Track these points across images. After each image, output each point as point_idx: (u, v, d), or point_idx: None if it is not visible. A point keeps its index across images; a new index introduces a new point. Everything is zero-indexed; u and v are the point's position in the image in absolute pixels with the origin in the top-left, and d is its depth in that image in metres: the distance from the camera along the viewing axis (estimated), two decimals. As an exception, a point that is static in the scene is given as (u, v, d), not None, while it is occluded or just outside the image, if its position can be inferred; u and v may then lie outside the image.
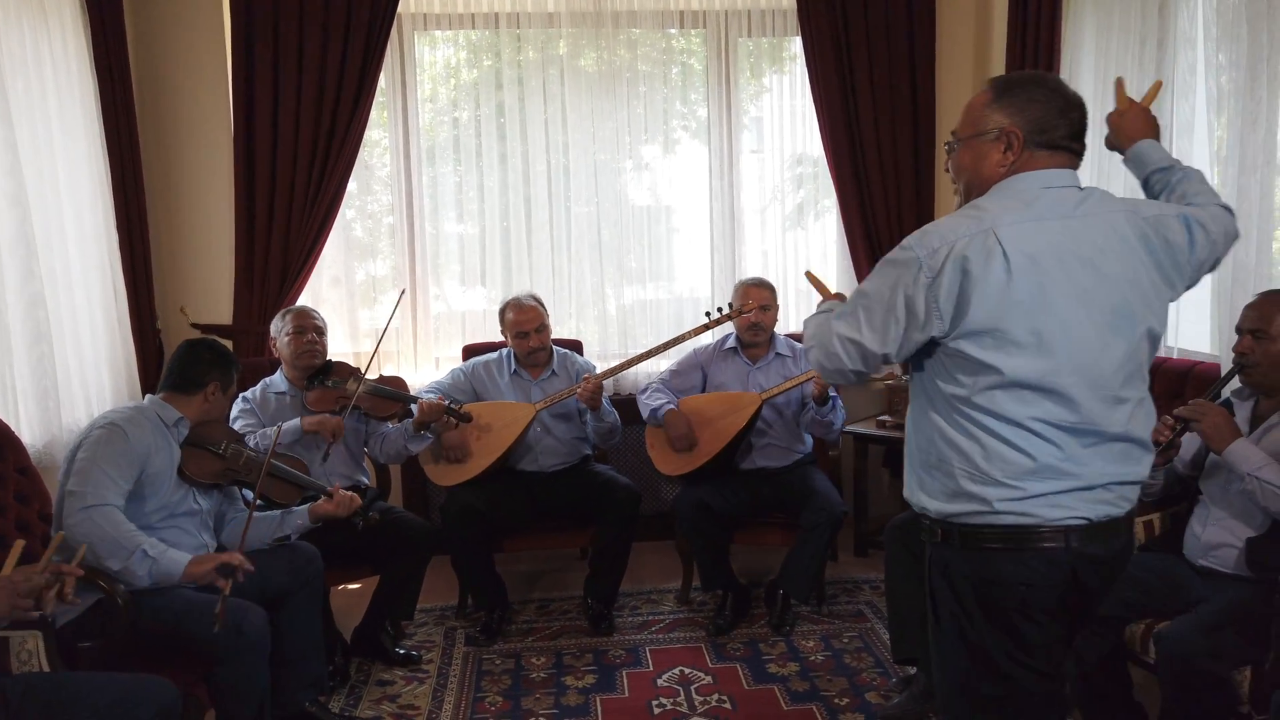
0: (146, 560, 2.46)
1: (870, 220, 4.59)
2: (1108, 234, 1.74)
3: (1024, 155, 1.78)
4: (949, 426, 1.77)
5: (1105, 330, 1.73)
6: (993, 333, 1.69)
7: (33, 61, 3.34)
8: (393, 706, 3.16)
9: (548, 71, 4.56)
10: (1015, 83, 1.82)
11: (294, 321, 3.53)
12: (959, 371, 1.74)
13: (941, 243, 1.71)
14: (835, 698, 3.14)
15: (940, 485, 1.80)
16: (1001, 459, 1.72)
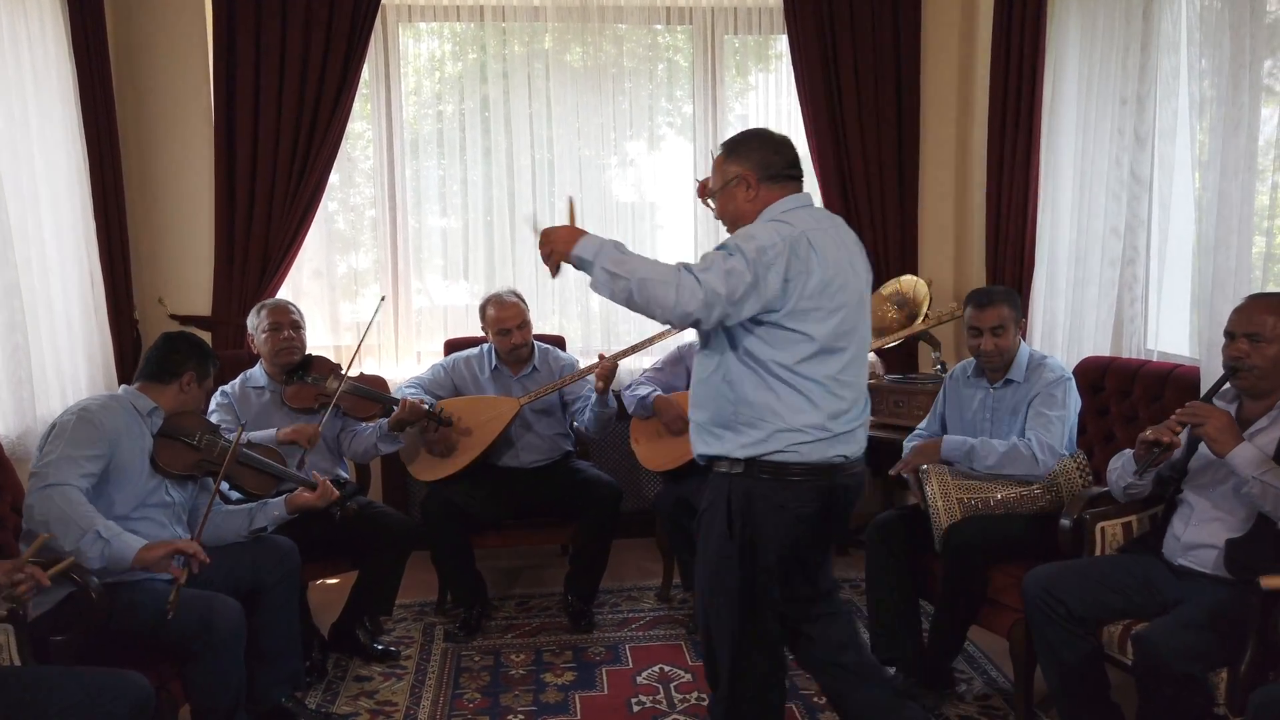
0: (99, 542, 2.40)
1: (854, 219, 4.58)
2: (850, 239, 2.36)
3: (762, 189, 2.33)
4: (762, 386, 2.25)
5: (863, 306, 2.35)
6: (813, 311, 2.22)
7: (8, 43, 3.29)
8: (370, 703, 3.14)
9: (533, 66, 4.54)
10: (738, 140, 2.39)
11: (270, 318, 3.48)
12: (780, 342, 2.23)
13: (776, 242, 2.19)
14: (814, 696, 3.14)
15: (749, 435, 2.27)
16: (806, 410, 2.25)
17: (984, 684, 3.22)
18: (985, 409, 3.20)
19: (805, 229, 2.23)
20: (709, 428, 2.36)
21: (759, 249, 2.17)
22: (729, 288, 2.14)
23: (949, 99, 4.69)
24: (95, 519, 2.44)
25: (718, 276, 2.14)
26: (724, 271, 2.15)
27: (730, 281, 2.15)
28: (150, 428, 2.73)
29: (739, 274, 2.15)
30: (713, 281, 2.14)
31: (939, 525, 2.98)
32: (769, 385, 2.26)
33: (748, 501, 2.30)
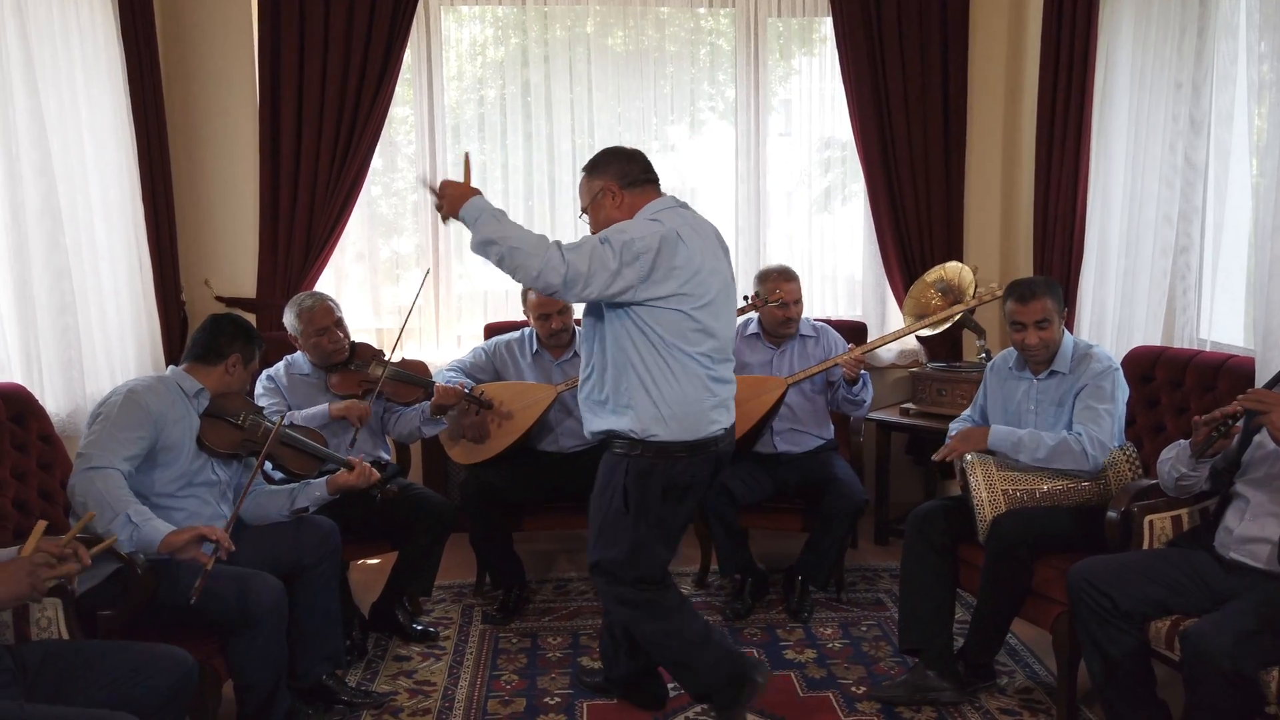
0: (129, 525, 2.44)
1: (898, 205, 4.53)
2: (713, 235, 2.68)
3: (626, 195, 2.62)
4: (645, 366, 2.53)
5: (729, 292, 2.68)
6: (686, 295, 2.51)
7: (59, 30, 3.34)
8: (409, 682, 3.17)
9: (575, 50, 4.53)
10: (596, 159, 2.69)
11: (316, 323, 3.43)
12: (658, 323, 2.51)
13: (646, 236, 2.46)
14: (852, 686, 3.12)
15: (633, 413, 2.55)
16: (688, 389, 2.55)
17: (1026, 677, 3.18)
18: (1029, 400, 3.13)
19: (675, 226, 2.53)
20: (601, 406, 2.63)
21: (626, 242, 2.45)
22: (590, 269, 2.42)
23: (997, 83, 4.60)
24: (128, 503, 2.47)
25: (583, 257, 2.42)
26: (590, 254, 2.43)
27: (593, 264, 2.42)
28: (196, 408, 2.77)
29: (603, 260, 2.43)
30: (577, 261, 2.42)
31: (983, 517, 2.93)
32: (656, 365, 2.54)
33: (642, 476, 2.58)
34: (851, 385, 3.66)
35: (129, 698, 2.06)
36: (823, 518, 3.58)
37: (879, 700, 3.00)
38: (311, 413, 3.34)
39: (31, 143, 3.14)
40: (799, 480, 3.71)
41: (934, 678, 2.97)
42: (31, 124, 3.14)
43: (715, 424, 2.63)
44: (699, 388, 2.59)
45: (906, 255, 4.58)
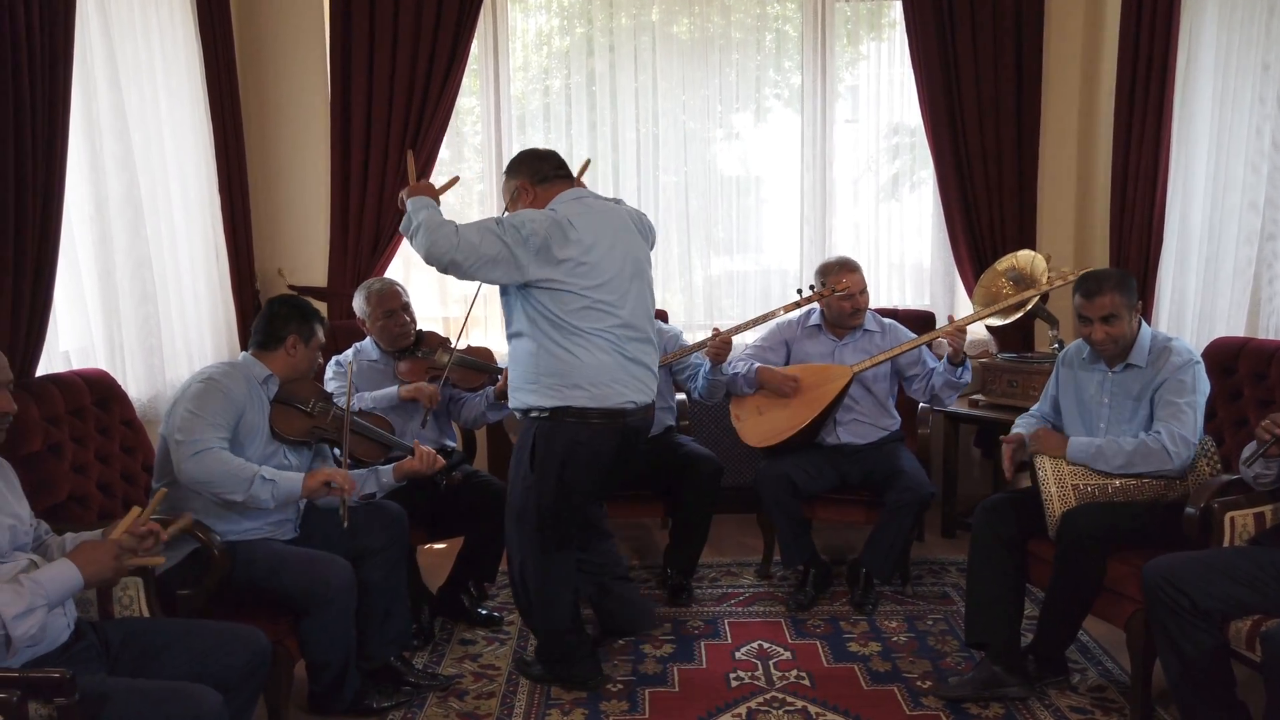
0: (266, 484, 2.60)
1: (969, 191, 4.45)
2: (623, 219, 2.88)
3: (538, 190, 2.86)
4: (556, 344, 2.74)
5: (632, 272, 2.84)
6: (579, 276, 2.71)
7: (140, 28, 3.44)
8: (474, 665, 3.21)
9: (639, 39, 4.52)
10: (512, 162, 2.93)
11: (384, 305, 3.53)
12: (554, 302, 2.71)
13: (537, 220, 2.69)
14: (918, 680, 3.09)
15: (550, 388, 2.75)
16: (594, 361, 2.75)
17: (1098, 675, 3.10)
18: (1103, 393, 3.03)
19: (567, 213, 2.75)
20: (519, 385, 2.84)
21: (515, 225, 2.67)
22: (482, 246, 2.63)
23: (1073, 64, 4.48)
24: (252, 466, 2.61)
25: (475, 235, 2.64)
26: (482, 232, 2.64)
27: (485, 241, 2.63)
28: (267, 394, 2.84)
29: (493, 239, 2.64)
30: (470, 237, 2.63)
31: (1052, 511, 2.87)
32: (559, 341, 2.74)
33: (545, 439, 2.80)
34: (957, 364, 3.56)
35: (207, 674, 2.12)
36: (888, 509, 3.54)
37: (944, 697, 2.96)
38: (381, 394, 3.40)
39: (114, 137, 3.25)
40: (863, 472, 3.67)
41: (1001, 673, 2.92)
42: (114, 119, 3.24)
43: (625, 398, 2.81)
44: (604, 362, 2.77)
45: (977, 243, 4.49)
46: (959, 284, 4.63)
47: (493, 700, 2.99)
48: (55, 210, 2.73)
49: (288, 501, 2.69)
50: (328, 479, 2.70)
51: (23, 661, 1.92)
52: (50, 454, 2.64)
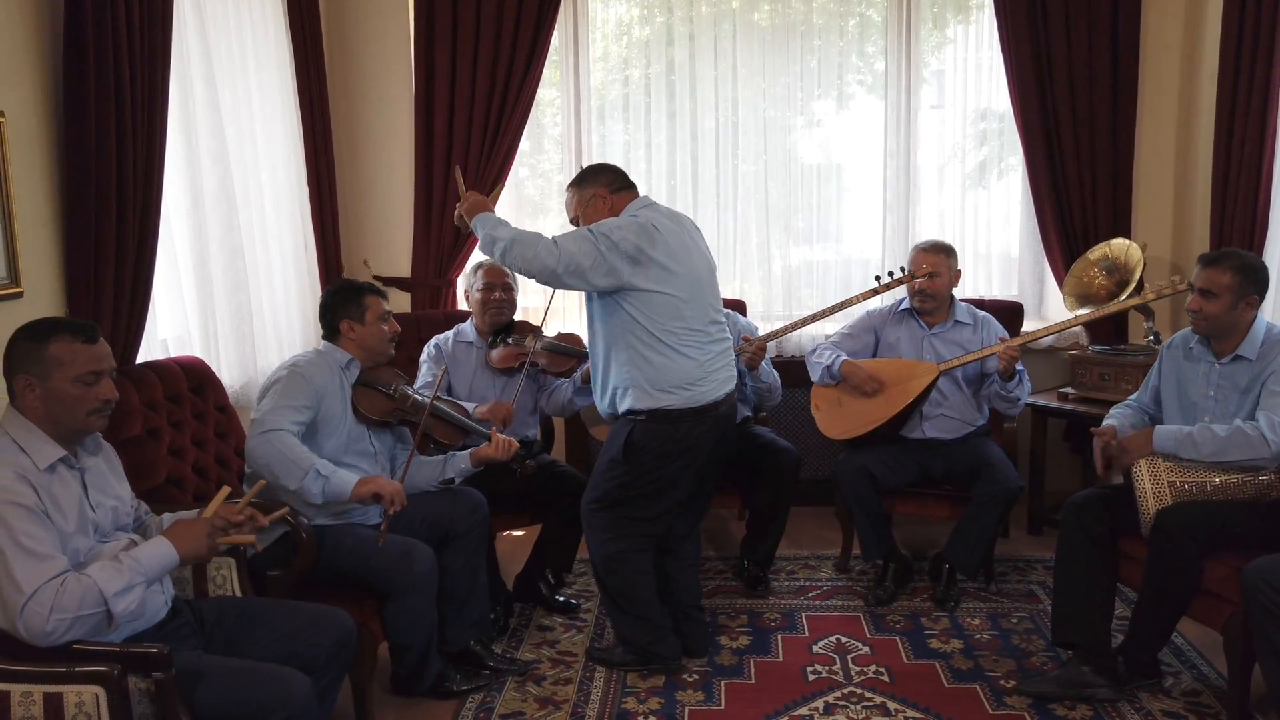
0: (319, 479, 2.63)
1: (1060, 178, 4.30)
2: (690, 228, 3.00)
3: (613, 198, 2.97)
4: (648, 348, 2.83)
5: (706, 270, 2.97)
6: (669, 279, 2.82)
7: (234, 26, 3.55)
8: (551, 652, 3.25)
9: (720, 27, 4.49)
10: (583, 174, 3.05)
11: (485, 278, 3.63)
12: (649, 308, 2.81)
13: (625, 226, 2.80)
14: (1001, 679, 3.02)
15: (645, 393, 2.85)
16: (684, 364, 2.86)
17: (1193, 679, 2.99)
18: (1209, 385, 2.89)
19: (650, 219, 2.85)
20: (608, 391, 2.94)
21: (606, 232, 2.77)
22: (579, 255, 2.74)
23: (1173, 44, 4.29)
24: (313, 459, 2.66)
25: (573, 244, 2.75)
26: (578, 241, 2.76)
27: (581, 250, 2.74)
28: (349, 379, 2.92)
29: (590, 247, 2.75)
30: (569, 247, 2.75)
31: (1146, 509, 2.77)
32: (652, 346, 2.83)
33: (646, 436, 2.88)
34: (1007, 380, 3.49)
35: (295, 654, 2.19)
36: (974, 504, 3.46)
37: (1029, 694, 2.89)
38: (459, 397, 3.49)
39: (209, 132, 3.36)
40: (946, 466, 3.59)
41: (1089, 673, 2.84)
42: (209, 114, 3.35)
43: (715, 394, 2.92)
44: (695, 362, 2.88)
45: (1068, 232, 4.35)
46: (1048, 274, 4.49)
47: (570, 686, 3.02)
48: (154, 204, 2.85)
49: (335, 500, 2.68)
50: (378, 491, 2.69)
51: (123, 637, 2.01)
52: (149, 438, 2.75)
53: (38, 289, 2.60)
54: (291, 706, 1.99)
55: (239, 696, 1.98)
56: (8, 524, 1.86)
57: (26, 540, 1.86)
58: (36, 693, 1.79)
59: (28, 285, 2.55)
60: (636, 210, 2.93)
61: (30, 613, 1.83)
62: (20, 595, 1.84)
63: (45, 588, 1.85)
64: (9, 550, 1.85)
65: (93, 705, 1.79)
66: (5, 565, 1.85)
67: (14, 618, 1.84)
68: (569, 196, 3.05)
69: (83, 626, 1.88)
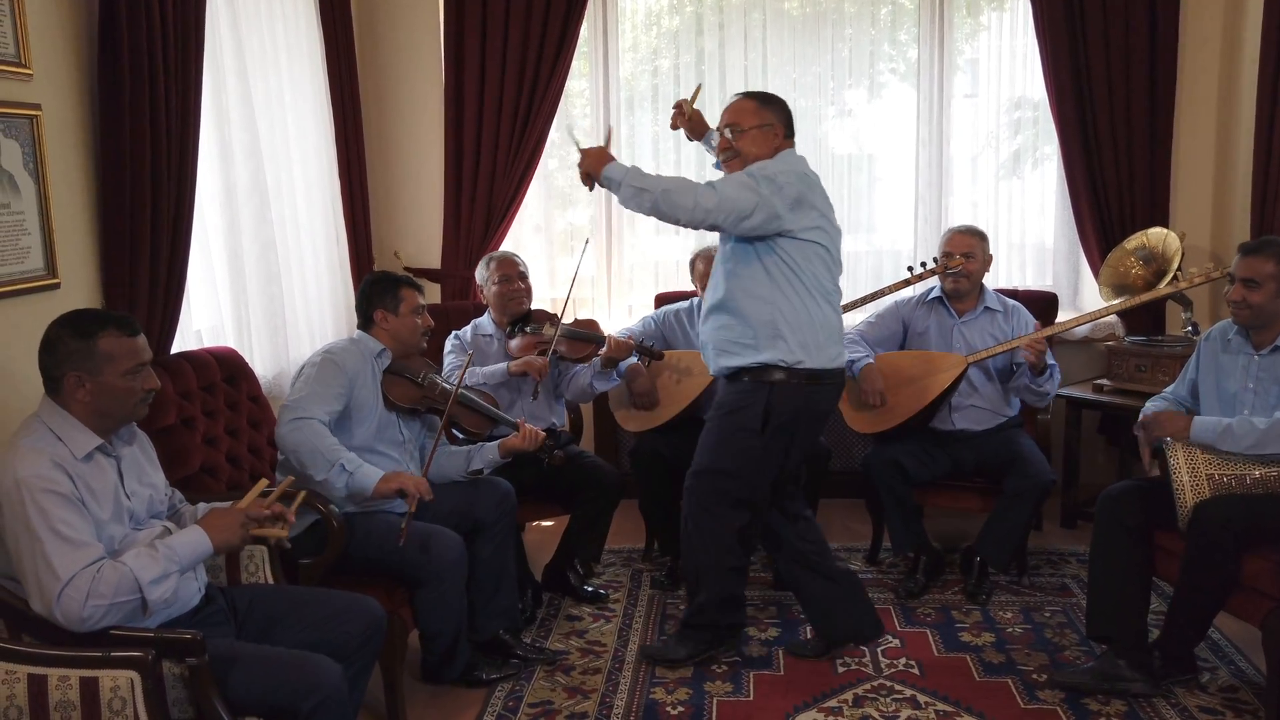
0: (344, 474, 2.66)
1: (1096, 168, 4.24)
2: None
3: (782, 141, 2.85)
4: (798, 298, 2.75)
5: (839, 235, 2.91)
6: (822, 229, 2.77)
7: (265, 20, 3.57)
8: (580, 641, 3.26)
9: (750, 16, 4.46)
10: (771, 97, 2.89)
11: (500, 270, 3.64)
12: (801, 256, 2.74)
13: (788, 172, 2.72)
14: (1033, 673, 2.98)
15: (785, 345, 2.74)
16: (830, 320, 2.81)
17: (1230, 675, 2.94)
18: (1248, 377, 2.83)
19: (807, 171, 2.81)
20: (737, 344, 2.79)
21: (770, 176, 2.69)
22: (742, 199, 2.65)
23: (1213, 30, 4.21)
24: (340, 452, 2.68)
25: (734, 188, 2.66)
26: (739, 185, 2.67)
27: (741, 196, 2.65)
28: (380, 368, 2.95)
29: (749, 194, 2.66)
30: (728, 192, 2.66)
31: (1183, 502, 2.72)
32: (800, 296, 2.74)
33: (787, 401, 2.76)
34: (1037, 374, 3.44)
35: (326, 641, 2.21)
36: (1005, 497, 3.42)
37: (1062, 686, 2.86)
38: (491, 370, 3.48)
39: (242, 125, 3.39)
40: (977, 458, 3.56)
41: (1124, 667, 2.80)
42: (241, 108, 3.38)
43: (842, 356, 2.88)
44: (834, 320, 2.83)
45: (1104, 221, 4.28)
46: (1084, 264, 4.43)
47: (598, 676, 3.03)
48: (188, 197, 2.88)
49: (357, 496, 2.69)
50: (401, 487, 2.69)
51: (158, 623, 2.04)
52: (183, 427, 2.79)
53: (75, 281, 2.64)
54: (323, 692, 2.01)
55: (271, 682, 2.00)
56: (45, 512, 1.89)
57: (63, 528, 1.90)
58: (73, 677, 1.83)
59: (65, 277, 2.59)
60: (796, 160, 2.83)
61: (67, 599, 1.87)
62: (57, 582, 1.87)
63: (81, 574, 1.88)
64: (46, 538, 1.88)
65: (128, 690, 1.82)
66: (42, 552, 1.88)
67: (51, 604, 1.87)
68: (742, 103, 2.87)
69: (118, 613, 1.92)
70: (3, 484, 1.92)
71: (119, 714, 1.82)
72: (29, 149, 2.47)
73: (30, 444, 1.96)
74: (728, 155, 2.87)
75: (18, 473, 1.91)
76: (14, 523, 1.90)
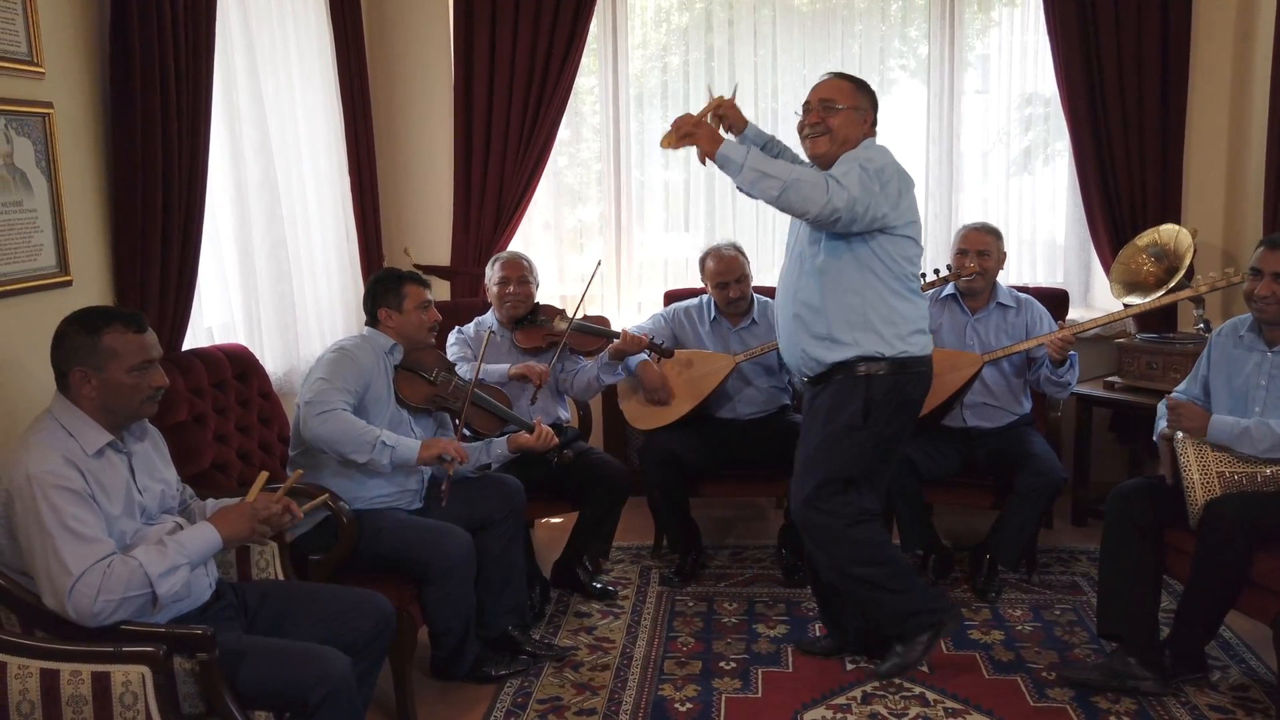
0: (386, 449, 2.72)
1: (1107, 163, 4.21)
2: None
3: (871, 129, 2.83)
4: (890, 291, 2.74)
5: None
6: (915, 222, 2.78)
7: (276, 17, 3.58)
8: (589, 638, 3.27)
9: (759, 12, 4.45)
10: (862, 82, 2.85)
11: (501, 272, 3.63)
12: (895, 249, 2.72)
13: (890, 164, 2.71)
14: (1043, 671, 2.98)
15: (881, 337, 2.72)
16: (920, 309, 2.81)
17: (1241, 674, 2.93)
18: (1260, 375, 2.81)
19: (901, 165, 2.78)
20: (829, 339, 2.75)
21: (879, 169, 2.65)
22: (865, 194, 2.60)
23: (1225, 25, 4.18)
24: (376, 430, 2.73)
25: (855, 183, 2.60)
26: (859, 180, 2.61)
27: (865, 189, 2.61)
28: (392, 362, 2.96)
29: (869, 185, 2.61)
30: (853, 187, 2.59)
31: (1194, 500, 2.71)
32: (894, 287, 2.73)
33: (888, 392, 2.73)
34: (1057, 366, 3.43)
35: (335, 637, 2.22)
36: (1016, 496, 3.41)
37: (1070, 682, 2.86)
38: (492, 370, 3.48)
39: (252, 123, 3.40)
40: (988, 456, 3.55)
41: (1135, 665, 2.79)
42: (252, 105, 3.39)
43: (929, 343, 2.85)
44: (921, 307, 2.83)
45: (1115, 218, 4.26)
46: (1095, 260, 4.41)
47: (607, 672, 3.03)
48: (199, 195, 2.89)
49: (403, 466, 2.80)
50: (442, 451, 2.80)
51: (169, 618, 2.05)
52: (195, 424, 2.80)
53: (86, 278, 2.66)
54: (331, 683, 2.02)
55: (280, 675, 2.02)
56: (56, 508, 1.90)
57: (74, 523, 1.91)
58: (85, 671, 1.84)
59: (77, 274, 2.61)
60: (887, 153, 2.77)
61: (78, 594, 1.88)
62: (68, 577, 1.88)
63: (92, 570, 1.90)
64: (57, 533, 1.89)
65: (139, 684, 1.84)
66: (54, 548, 1.89)
67: (62, 599, 1.89)
68: (838, 82, 2.81)
69: (129, 608, 1.93)
70: (15, 480, 1.93)
71: (130, 708, 1.84)
72: (41, 147, 2.48)
73: (42, 440, 1.98)
74: (816, 130, 2.77)
75: (30, 468, 1.92)
76: (26, 518, 1.91)
